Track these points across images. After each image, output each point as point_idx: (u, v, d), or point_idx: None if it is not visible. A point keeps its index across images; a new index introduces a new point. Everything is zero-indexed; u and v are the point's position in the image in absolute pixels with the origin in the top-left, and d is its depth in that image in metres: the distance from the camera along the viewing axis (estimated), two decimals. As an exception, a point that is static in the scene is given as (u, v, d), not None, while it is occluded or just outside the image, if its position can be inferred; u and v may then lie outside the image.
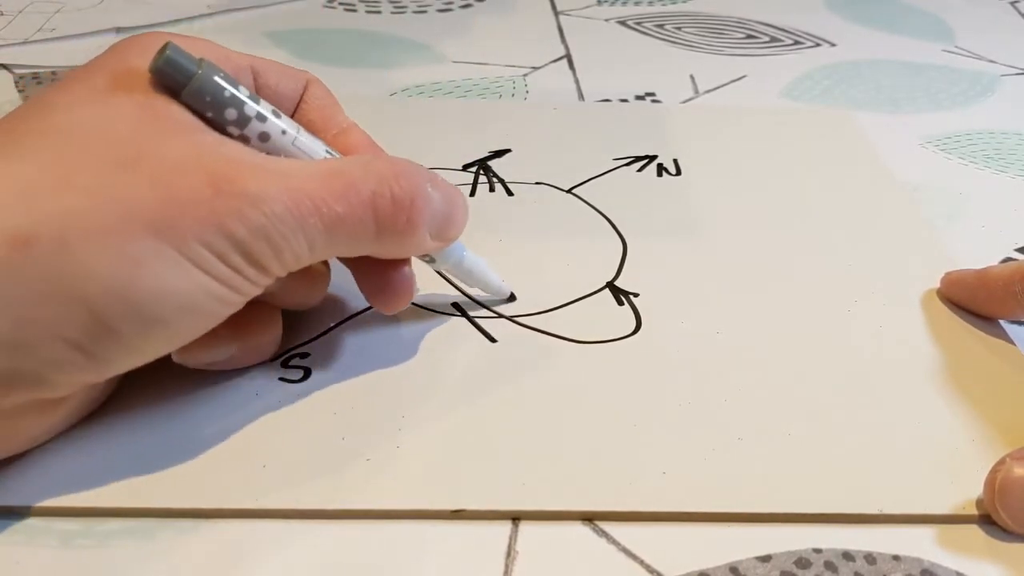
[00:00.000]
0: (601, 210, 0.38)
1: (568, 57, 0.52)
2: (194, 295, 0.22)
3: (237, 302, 0.24)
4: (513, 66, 0.51)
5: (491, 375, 0.29)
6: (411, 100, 0.46)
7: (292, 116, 0.28)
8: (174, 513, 0.24)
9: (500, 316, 0.31)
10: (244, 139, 0.24)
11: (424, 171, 0.26)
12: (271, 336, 0.28)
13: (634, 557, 0.24)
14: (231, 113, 0.24)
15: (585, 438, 0.27)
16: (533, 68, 0.51)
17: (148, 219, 0.21)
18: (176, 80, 0.23)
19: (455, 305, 0.32)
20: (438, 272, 0.32)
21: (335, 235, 0.24)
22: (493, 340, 0.30)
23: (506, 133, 0.42)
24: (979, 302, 0.32)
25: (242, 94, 0.24)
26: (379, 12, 0.57)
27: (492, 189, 0.39)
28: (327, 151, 0.26)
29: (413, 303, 0.32)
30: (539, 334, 0.31)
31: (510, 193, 0.39)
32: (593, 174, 0.40)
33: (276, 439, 0.26)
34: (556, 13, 0.59)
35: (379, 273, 0.28)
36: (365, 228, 0.25)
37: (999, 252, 0.37)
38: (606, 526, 0.25)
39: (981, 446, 0.27)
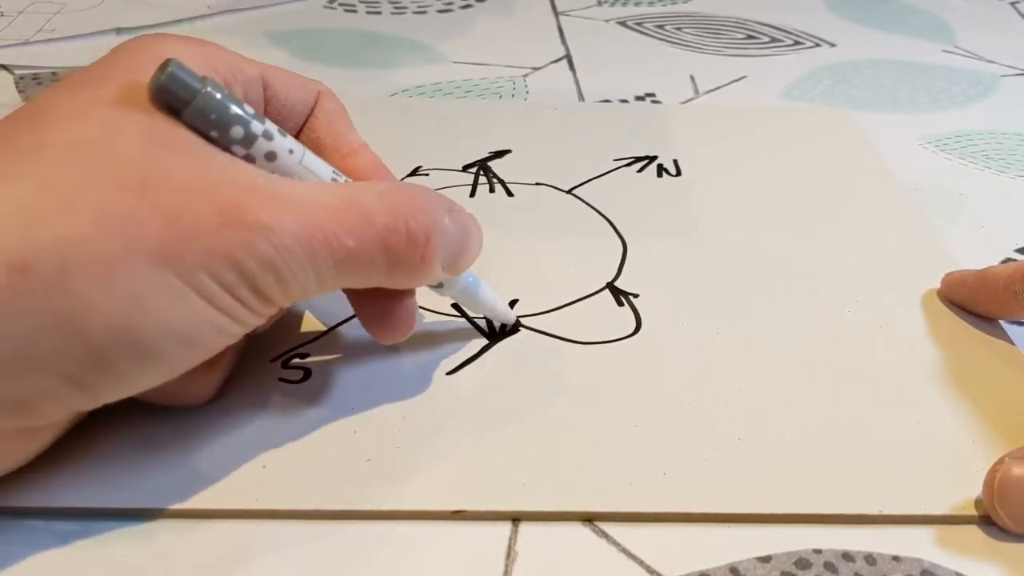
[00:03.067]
0: (601, 211, 0.38)
1: (568, 58, 0.52)
2: (197, 327, 0.21)
3: (238, 333, 0.23)
4: (513, 66, 0.51)
5: (491, 375, 0.29)
6: (411, 100, 0.46)
7: (301, 129, 0.28)
8: (174, 513, 0.24)
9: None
10: (250, 158, 0.23)
11: (441, 200, 0.25)
12: (215, 376, 0.27)
13: (634, 558, 0.24)
14: (237, 131, 0.23)
15: (585, 438, 0.27)
16: (533, 69, 0.51)
17: (153, 249, 0.20)
18: (179, 98, 0.22)
19: (455, 306, 0.32)
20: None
21: (345, 269, 0.23)
22: (493, 340, 0.30)
23: (506, 133, 0.42)
24: (979, 302, 0.32)
25: (248, 112, 0.23)
26: (379, 12, 0.57)
27: (492, 190, 0.39)
28: (334, 173, 0.26)
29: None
30: (539, 335, 0.31)
31: (510, 194, 0.39)
32: (593, 175, 0.40)
33: (276, 439, 0.26)
34: (556, 14, 0.59)
35: (380, 302, 0.27)
36: (375, 263, 0.24)
37: (999, 252, 0.37)
38: (606, 527, 0.25)
39: (981, 446, 0.27)
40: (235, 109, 0.23)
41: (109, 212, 0.20)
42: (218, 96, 0.22)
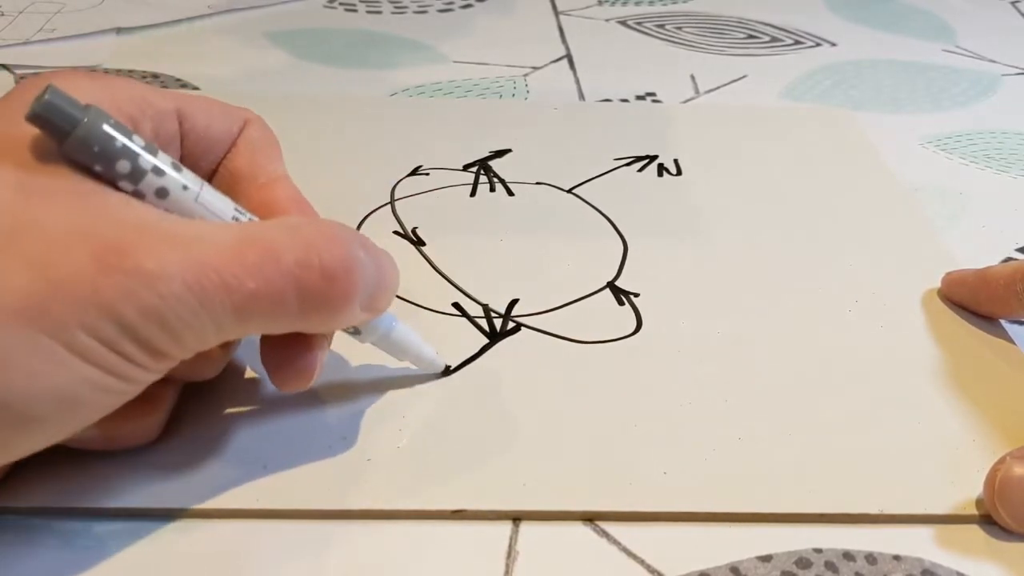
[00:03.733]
0: (602, 210, 0.38)
1: (569, 57, 0.52)
2: (77, 389, 0.19)
3: (130, 392, 0.21)
4: (514, 66, 0.51)
5: (491, 375, 0.29)
6: (411, 100, 0.46)
7: (222, 159, 0.26)
8: (174, 513, 0.24)
9: (500, 316, 0.31)
10: (139, 195, 0.21)
11: (355, 234, 0.23)
12: (155, 418, 0.25)
13: (635, 557, 0.24)
14: (123, 166, 0.21)
15: (585, 438, 0.27)
16: (534, 68, 0.51)
17: (19, 306, 0.18)
18: (58, 128, 0.20)
19: (455, 305, 0.32)
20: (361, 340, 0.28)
21: (248, 315, 0.21)
22: (493, 340, 0.30)
23: (506, 133, 0.42)
24: (980, 302, 0.32)
25: (136, 144, 0.21)
26: (380, 12, 0.57)
27: (492, 189, 0.39)
28: (236, 211, 0.23)
29: (413, 303, 0.32)
30: (539, 334, 0.31)
31: (511, 193, 0.39)
32: (594, 174, 0.40)
33: (276, 439, 0.26)
34: (556, 13, 0.59)
35: (290, 349, 0.24)
36: (286, 306, 0.21)
37: (1000, 252, 0.37)
38: (607, 526, 0.25)
39: (982, 446, 0.27)
40: (121, 140, 0.21)
41: None
42: (102, 127, 0.20)
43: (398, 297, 0.32)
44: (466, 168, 0.40)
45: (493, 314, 0.32)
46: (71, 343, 0.19)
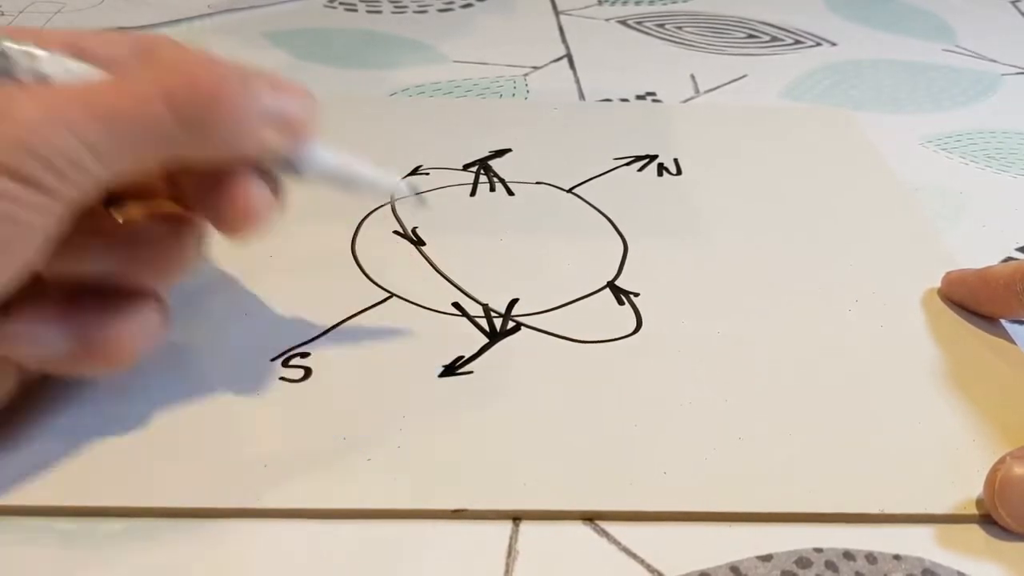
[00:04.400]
0: (602, 210, 0.38)
1: (569, 57, 0.52)
2: None
3: (33, 238, 0.21)
4: (514, 66, 0.51)
5: (491, 375, 0.29)
6: (411, 100, 0.46)
7: None
8: (174, 513, 0.24)
9: (500, 315, 0.31)
10: (20, 82, 0.22)
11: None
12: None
13: (635, 557, 0.24)
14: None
15: (585, 438, 0.27)
16: (534, 68, 0.51)
17: None
18: None
19: (455, 305, 0.32)
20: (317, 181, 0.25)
21: (119, 132, 0.21)
22: (493, 340, 0.30)
23: (506, 133, 0.42)
24: (980, 302, 0.32)
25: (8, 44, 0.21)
26: (380, 12, 0.57)
27: (493, 189, 0.39)
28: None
29: (413, 302, 0.32)
30: (539, 334, 0.31)
31: (511, 193, 0.39)
32: (594, 174, 0.40)
33: (276, 439, 0.26)
34: (557, 13, 0.59)
35: (213, 184, 0.23)
36: (160, 119, 0.21)
37: (1000, 252, 0.37)
38: (607, 526, 0.25)
39: (982, 446, 0.27)
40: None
41: None
42: None
43: (398, 297, 0.32)
44: (466, 168, 0.40)
45: (493, 314, 0.32)
46: None
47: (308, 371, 0.29)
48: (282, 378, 0.28)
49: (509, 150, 0.41)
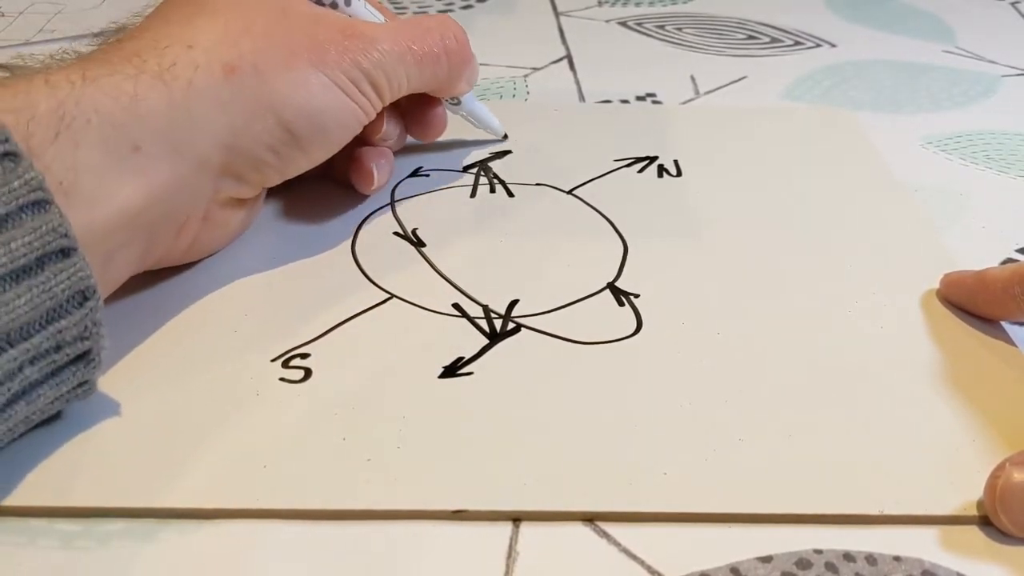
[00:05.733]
0: (602, 211, 0.38)
1: (569, 58, 0.52)
2: (343, 111, 0.31)
3: (364, 121, 0.32)
4: (514, 67, 0.51)
5: (491, 375, 0.29)
6: (412, 101, 0.46)
7: None
8: (175, 513, 0.24)
9: (500, 316, 0.31)
10: (334, 6, 0.33)
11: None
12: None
13: (635, 558, 0.24)
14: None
15: (585, 438, 0.27)
16: (534, 69, 0.51)
17: (307, 56, 0.30)
18: None
19: (456, 306, 0.32)
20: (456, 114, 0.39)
21: (423, 69, 0.33)
22: (493, 341, 0.30)
23: (507, 134, 0.42)
24: (978, 304, 0.32)
25: None
26: (380, 13, 0.57)
27: (493, 190, 0.39)
28: (385, 18, 0.35)
29: (413, 303, 0.32)
30: (539, 335, 0.31)
31: (511, 194, 0.39)
32: (594, 175, 0.40)
33: (276, 439, 0.26)
34: (557, 14, 0.59)
35: (422, 109, 0.37)
36: (440, 64, 0.34)
37: (999, 253, 0.37)
38: (607, 527, 0.25)
39: (982, 447, 0.27)
40: None
41: (273, 32, 0.29)
42: None
43: (398, 298, 0.32)
44: (466, 169, 0.40)
45: (493, 315, 0.32)
46: (338, 80, 0.30)
47: (308, 371, 0.29)
48: (282, 378, 0.28)
49: (509, 151, 0.41)
